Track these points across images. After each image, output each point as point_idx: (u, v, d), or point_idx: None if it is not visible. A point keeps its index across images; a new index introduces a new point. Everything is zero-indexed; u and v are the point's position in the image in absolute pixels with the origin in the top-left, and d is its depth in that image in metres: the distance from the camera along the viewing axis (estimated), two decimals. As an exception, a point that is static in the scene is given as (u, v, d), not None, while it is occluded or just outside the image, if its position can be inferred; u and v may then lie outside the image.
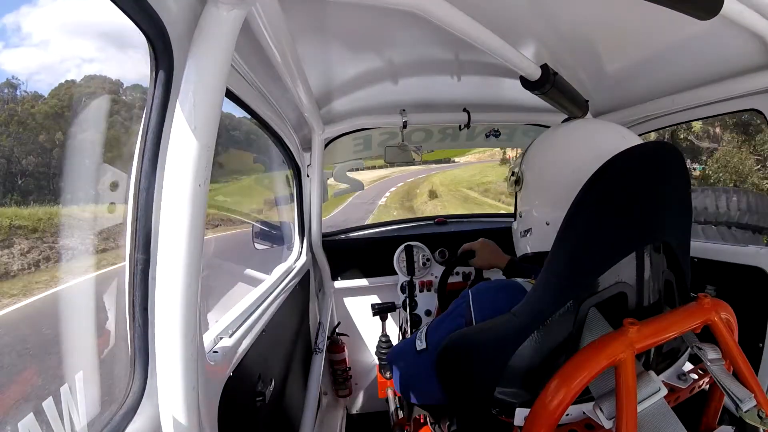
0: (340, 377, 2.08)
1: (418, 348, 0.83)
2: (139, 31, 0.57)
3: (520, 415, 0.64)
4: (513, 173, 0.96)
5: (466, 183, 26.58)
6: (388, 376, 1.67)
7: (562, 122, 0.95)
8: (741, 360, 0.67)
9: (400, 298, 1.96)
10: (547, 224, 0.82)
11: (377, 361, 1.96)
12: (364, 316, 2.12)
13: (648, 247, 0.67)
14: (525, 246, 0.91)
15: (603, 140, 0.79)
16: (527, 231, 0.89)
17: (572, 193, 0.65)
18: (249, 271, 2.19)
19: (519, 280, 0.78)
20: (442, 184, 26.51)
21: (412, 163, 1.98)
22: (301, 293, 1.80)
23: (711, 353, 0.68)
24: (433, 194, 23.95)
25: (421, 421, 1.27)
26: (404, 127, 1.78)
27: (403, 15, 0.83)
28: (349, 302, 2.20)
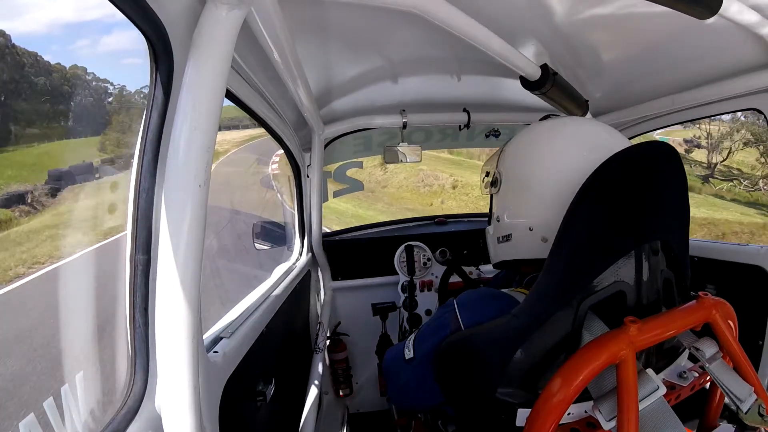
0: (341, 376, 2.09)
1: (407, 357, 0.81)
2: (139, 32, 0.57)
3: (522, 415, 0.64)
4: (488, 174, 0.89)
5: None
6: None
7: (540, 120, 0.89)
8: (741, 358, 0.67)
9: (400, 297, 1.96)
10: (531, 230, 0.76)
11: (378, 361, 1.96)
12: (365, 316, 2.12)
13: (646, 246, 0.67)
14: (502, 253, 0.85)
15: (590, 139, 0.76)
16: (506, 237, 0.83)
17: (560, 195, 0.64)
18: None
19: (504, 290, 0.77)
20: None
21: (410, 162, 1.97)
22: (302, 293, 1.80)
23: (709, 351, 0.68)
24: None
25: (422, 420, 1.27)
26: (404, 127, 1.78)
27: (403, 15, 0.83)
28: (350, 302, 2.20)
